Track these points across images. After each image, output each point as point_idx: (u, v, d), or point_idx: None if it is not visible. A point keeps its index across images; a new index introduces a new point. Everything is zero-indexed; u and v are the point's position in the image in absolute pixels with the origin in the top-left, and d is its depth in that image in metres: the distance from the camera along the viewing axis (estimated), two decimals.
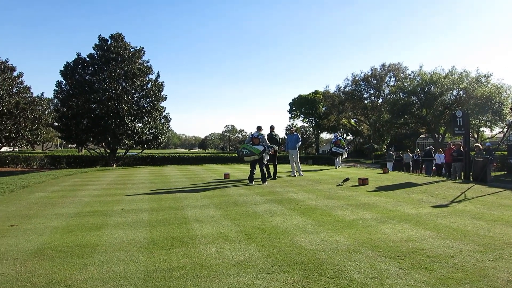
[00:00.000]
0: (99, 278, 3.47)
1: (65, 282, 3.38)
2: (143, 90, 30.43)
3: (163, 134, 31.45)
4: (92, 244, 4.58)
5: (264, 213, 6.56)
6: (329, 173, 14.35)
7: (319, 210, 6.81)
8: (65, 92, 29.40)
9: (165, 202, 7.81)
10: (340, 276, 3.49)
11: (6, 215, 6.49)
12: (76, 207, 7.22)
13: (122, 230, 5.29)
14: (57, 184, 11.32)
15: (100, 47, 29.72)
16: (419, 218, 6.03)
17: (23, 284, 3.34)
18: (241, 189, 9.75)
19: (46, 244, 4.58)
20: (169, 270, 3.68)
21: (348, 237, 4.85)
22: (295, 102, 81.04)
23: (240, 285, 3.31)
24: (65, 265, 3.84)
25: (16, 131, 31.73)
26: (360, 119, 64.30)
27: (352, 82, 56.54)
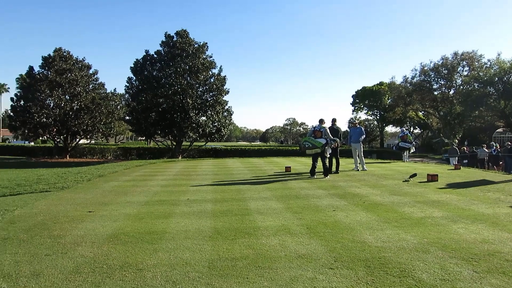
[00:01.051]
0: (167, 264, 3.65)
1: (136, 266, 3.60)
2: (206, 84, 31.34)
3: (226, 127, 32.20)
4: (160, 231, 4.82)
5: (326, 207, 6.47)
6: (394, 168, 13.79)
7: (384, 206, 6.58)
8: (135, 88, 31.15)
9: (228, 193, 8.00)
10: (407, 276, 3.35)
11: (84, 201, 7.04)
12: (145, 196, 7.64)
13: (188, 219, 5.51)
14: (128, 174, 12.05)
15: (167, 43, 31.05)
16: (496, 218, 5.59)
17: (100, 266, 3.61)
18: (303, 183, 9.70)
19: (119, 230, 4.90)
20: (233, 259, 3.77)
21: (416, 235, 4.63)
22: (359, 94, 78.77)
23: (302, 278, 3.31)
24: (136, 250, 4.09)
25: (93, 125, 34.32)
26: (429, 112, 60.85)
27: (421, 72, 53.53)
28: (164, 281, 3.25)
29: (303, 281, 3.25)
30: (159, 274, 3.41)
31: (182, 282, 3.24)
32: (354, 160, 13.17)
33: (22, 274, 3.41)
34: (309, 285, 3.18)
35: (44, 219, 5.55)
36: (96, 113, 34.04)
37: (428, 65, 53.06)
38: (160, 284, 3.20)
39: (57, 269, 3.52)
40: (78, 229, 4.96)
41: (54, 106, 33.27)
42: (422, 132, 77.95)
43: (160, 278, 3.32)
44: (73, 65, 34.49)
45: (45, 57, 33.72)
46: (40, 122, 32.28)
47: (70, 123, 33.04)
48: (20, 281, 3.26)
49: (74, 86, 33.63)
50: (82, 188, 8.88)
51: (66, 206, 6.60)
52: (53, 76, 32.59)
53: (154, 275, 3.38)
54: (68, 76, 33.38)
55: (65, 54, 34.64)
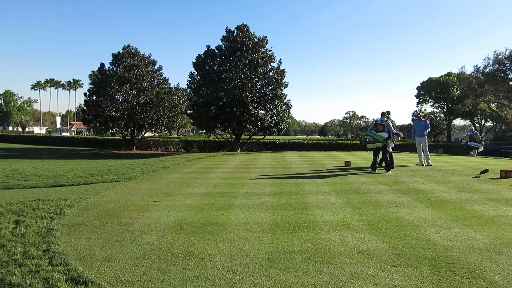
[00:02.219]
0: (228, 254, 3.75)
1: (198, 255, 3.73)
2: (265, 78, 31.45)
3: (284, 121, 32.15)
4: (221, 223, 4.95)
5: (388, 203, 6.25)
6: (463, 163, 12.97)
7: (451, 203, 6.21)
8: (197, 82, 32.06)
9: (286, 187, 8.01)
10: (477, 277, 3.15)
11: (150, 192, 7.42)
12: (206, 188, 7.87)
13: (247, 212, 5.60)
14: (190, 166, 12.48)
15: (227, 38, 31.56)
16: None
17: (165, 254, 3.79)
18: (363, 177, 9.45)
19: (182, 220, 5.10)
20: (292, 253, 3.78)
21: (487, 235, 4.33)
22: (424, 85, 74.71)
23: (363, 275, 3.24)
24: (198, 239, 4.24)
25: (157, 118, 35.98)
26: (503, 103, 56.29)
27: (494, 61, 49.52)
28: (225, 271, 3.34)
29: (364, 278, 3.18)
30: (220, 264, 3.51)
31: (242, 272, 3.31)
32: (418, 154, 12.58)
33: (96, 258, 3.68)
34: (370, 282, 3.11)
35: (114, 207, 5.93)
36: (160, 107, 35.60)
37: (503, 53, 48.93)
38: (221, 273, 3.30)
39: (126, 255, 3.75)
40: (145, 217, 5.24)
41: (122, 101, 35.30)
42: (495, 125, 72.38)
43: (221, 267, 3.42)
44: (140, 61, 36.27)
45: (114, 54, 35.79)
46: (110, 115, 34.48)
47: (136, 116, 34.88)
48: (94, 264, 3.52)
49: (140, 81, 35.41)
50: (147, 179, 9.35)
51: (134, 195, 6.99)
52: (122, 72, 34.53)
53: (215, 265, 3.48)
54: (135, 72, 35.19)
55: (133, 51, 36.50)
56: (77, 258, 3.66)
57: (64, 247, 3.97)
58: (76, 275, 3.18)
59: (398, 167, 11.54)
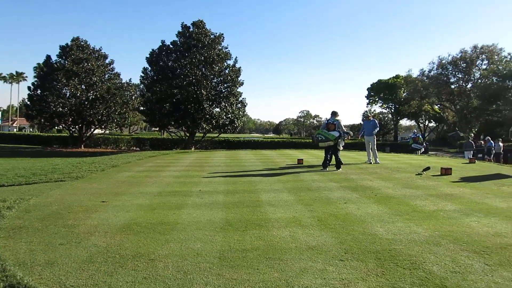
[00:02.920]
0: (179, 254, 3.70)
1: (148, 256, 3.65)
2: (221, 75, 31.31)
3: (239, 119, 32.20)
4: (172, 222, 4.88)
5: (338, 199, 6.45)
6: (408, 161, 13.64)
7: (396, 199, 6.53)
8: (150, 78, 31.28)
9: (240, 185, 8.03)
10: (418, 268, 3.33)
11: (98, 191, 7.15)
12: (158, 187, 7.72)
13: (199, 210, 5.55)
14: (142, 164, 12.18)
15: (183, 34, 31.04)
16: (510, 212, 5.50)
17: (113, 256, 3.67)
18: (315, 175, 9.67)
19: (132, 220, 4.97)
20: (243, 250, 3.80)
21: (428, 228, 4.59)
22: (374, 87, 77.74)
23: (312, 269, 3.32)
24: (148, 240, 4.14)
25: (107, 115, 34.67)
26: (445, 105, 59.89)
27: (438, 65, 52.60)
28: (176, 271, 3.29)
29: (313, 272, 3.26)
30: (170, 264, 3.46)
31: (193, 272, 3.28)
32: (367, 153, 13.07)
33: (37, 262, 3.49)
34: (319, 276, 3.19)
35: (58, 208, 5.66)
36: (111, 103, 34.35)
37: (446, 58, 52.15)
38: (171, 274, 3.25)
39: (71, 258, 3.59)
40: (92, 219, 5.04)
41: (70, 96, 33.65)
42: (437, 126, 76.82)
43: (171, 268, 3.37)
44: (90, 55, 34.79)
45: (62, 46, 34.02)
46: (56, 111, 32.73)
47: (85, 112, 33.41)
48: (35, 269, 3.33)
49: (90, 76, 33.95)
50: (96, 178, 9.01)
51: (80, 196, 6.71)
52: (70, 66, 32.92)
53: (166, 265, 3.42)
54: (84, 66, 33.68)
55: (83, 43, 34.95)
56: (16, 263, 3.44)
57: (1, 252, 3.72)
58: (15, 281, 2.99)
59: (348, 165, 11.93)
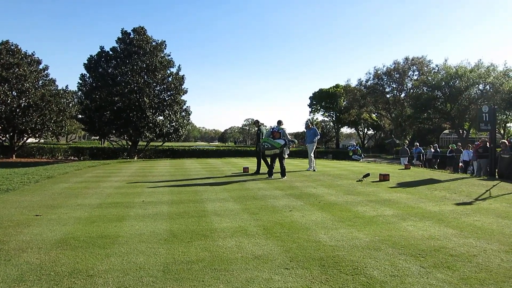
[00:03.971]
0: (120, 269, 3.53)
1: (87, 272, 3.45)
2: (164, 83, 30.68)
3: (184, 127, 31.67)
4: (113, 235, 4.66)
5: (283, 207, 6.54)
6: (349, 168, 14.20)
7: (339, 205, 6.75)
8: (89, 85, 29.91)
9: (185, 195, 7.88)
10: (360, 273, 3.45)
11: (31, 204, 6.67)
12: (98, 198, 7.36)
13: (142, 222, 5.36)
14: (80, 175, 11.57)
15: (123, 40, 30.08)
16: (441, 215, 5.90)
17: (47, 273, 3.43)
18: (260, 183, 9.75)
19: (69, 234, 4.68)
20: (188, 262, 3.71)
21: (368, 233, 4.78)
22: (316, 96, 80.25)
23: (258, 279, 3.31)
24: (87, 255, 3.92)
25: (42, 123, 32.56)
26: (382, 114, 63.21)
27: (374, 76, 55.52)
28: (116, 287, 3.14)
29: (259, 282, 3.26)
30: (110, 280, 3.29)
31: (135, 287, 3.15)
32: (309, 160, 13.43)
33: None
34: (264, 286, 3.19)
35: None
36: (46, 110, 32.33)
37: (381, 69, 55.18)
38: None
39: None
40: (24, 234, 4.69)
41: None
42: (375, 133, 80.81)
43: (112, 284, 3.21)
44: (21, 60, 32.54)
45: None
46: None
47: (17, 120, 31.11)
48: None
49: (22, 82, 31.72)
50: (29, 190, 8.42)
51: (11, 209, 6.23)
52: None
53: (106, 281, 3.25)
54: (15, 71, 31.45)
55: (13, 47, 32.64)
56: None
57: None
58: None
59: (293, 173, 12.17)
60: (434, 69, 48.99)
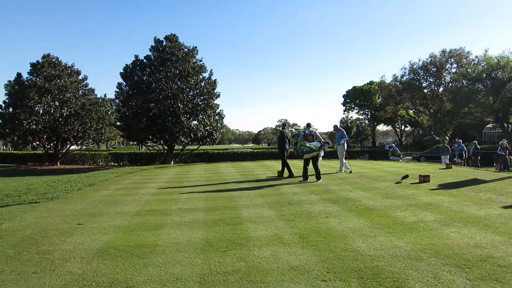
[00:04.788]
0: (158, 280, 3.58)
1: (126, 283, 3.52)
2: (197, 88, 31.18)
3: (218, 131, 32.04)
4: (151, 244, 4.74)
5: (319, 213, 6.44)
6: (386, 169, 13.84)
7: (377, 210, 6.56)
8: (125, 93, 30.88)
9: (220, 201, 7.93)
10: (401, 287, 3.31)
11: (74, 213, 6.93)
12: (136, 206, 7.54)
13: (179, 230, 5.43)
14: (119, 182, 11.92)
15: (156, 48, 30.86)
16: (488, 220, 5.60)
17: (89, 284, 3.53)
18: (295, 187, 9.67)
19: (109, 243, 4.81)
20: (224, 273, 3.71)
21: (409, 241, 4.61)
22: (349, 94, 78.99)
23: None
24: (126, 265, 4.01)
25: (83, 131, 34.00)
26: (419, 110, 61.27)
27: (410, 70, 53.83)
28: None
29: None
30: None
31: None
32: (340, 162, 13.26)
33: None
34: None
35: (32, 233, 5.45)
36: (87, 119, 33.73)
37: (417, 63, 53.39)
38: None
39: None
40: (67, 243, 4.87)
41: (43, 113, 32.88)
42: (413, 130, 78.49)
43: None
44: (62, 71, 34.13)
45: (33, 64, 33.32)
46: (29, 129, 31.94)
47: (60, 129, 32.67)
48: None
49: (63, 92, 33.30)
50: (72, 198, 8.76)
51: (55, 218, 6.49)
52: (42, 83, 32.23)
53: None
54: (57, 83, 33.02)
55: (54, 60, 34.27)
56: None
57: None
58: None
59: (328, 175, 11.99)
60: (473, 61, 46.87)
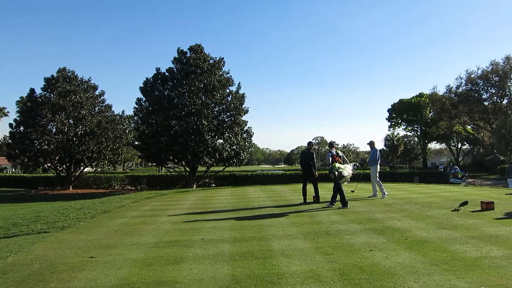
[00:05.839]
0: None
1: None
2: (223, 103, 31.58)
3: (245, 150, 32.15)
4: (171, 281, 4.73)
5: (362, 246, 6.26)
6: (441, 193, 13.40)
7: (431, 243, 6.31)
8: (145, 109, 31.64)
9: (248, 230, 7.87)
10: None
11: (86, 244, 7.03)
12: (155, 236, 7.58)
13: (202, 265, 5.40)
14: (137, 208, 12.08)
15: (179, 60, 31.57)
16: None
17: None
18: (333, 215, 9.49)
19: (124, 280, 4.83)
20: None
21: (471, 281, 4.38)
22: (395, 107, 77.98)
23: None
24: None
25: (98, 151, 34.87)
26: (479, 125, 59.48)
27: (467, 81, 52.60)
28: None
29: None
30: None
31: None
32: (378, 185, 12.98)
33: None
34: None
35: (40, 267, 5.55)
36: (103, 138, 34.65)
37: (475, 72, 52.15)
38: None
39: None
40: (78, 279, 4.92)
41: (56, 132, 34.03)
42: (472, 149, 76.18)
43: None
44: (77, 86, 35.40)
45: (47, 78, 34.60)
46: (41, 149, 32.94)
47: (73, 150, 33.60)
48: None
49: (78, 109, 34.46)
50: (84, 227, 8.92)
51: (66, 250, 6.60)
52: (56, 99, 33.44)
53: None
54: (72, 99, 34.17)
55: (69, 74, 35.65)
56: None
57: None
58: None
59: (370, 200, 11.74)
60: None
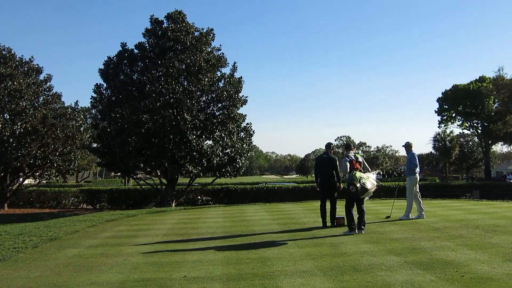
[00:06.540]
0: None
1: None
2: (212, 91, 31.12)
3: (243, 155, 31.67)
4: None
5: (403, 286, 6.29)
6: (509, 214, 13.42)
7: (497, 282, 6.33)
8: (106, 99, 31.14)
9: (247, 265, 7.89)
10: None
11: (27, 284, 7.03)
12: (120, 273, 7.60)
13: None
14: (95, 235, 12.11)
15: (153, 32, 31.07)
16: None
17: None
18: (363, 243, 9.51)
19: None
20: None
21: None
22: (448, 96, 77.72)
23: None
24: None
25: (43, 156, 34.61)
26: None
27: None
28: None
29: None
30: None
31: None
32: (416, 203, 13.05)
33: None
34: None
35: None
36: (49, 138, 34.35)
37: None
38: None
39: None
40: None
41: None
42: None
43: None
44: (15, 69, 35.11)
45: None
46: None
47: (9, 155, 33.34)
48: None
49: (16, 100, 34.21)
50: (24, 260, 8.94)
51: None
52: None
53: None
54: (8, 86, 33.87)
55: (5, 53, 35.20)
56: None
57: None
58: None
59: (414, 223, 11.74)
60: None
